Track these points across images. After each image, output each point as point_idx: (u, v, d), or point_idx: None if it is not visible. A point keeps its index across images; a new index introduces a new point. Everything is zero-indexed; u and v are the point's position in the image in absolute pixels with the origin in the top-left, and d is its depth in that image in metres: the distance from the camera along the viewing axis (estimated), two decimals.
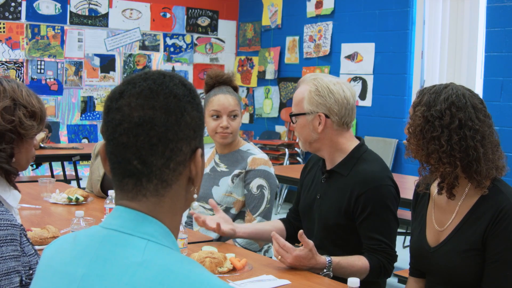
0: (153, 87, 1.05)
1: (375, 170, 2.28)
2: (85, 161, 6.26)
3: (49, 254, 1.11)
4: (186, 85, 1.09)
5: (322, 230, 2.37)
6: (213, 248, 2.24)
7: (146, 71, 1.10)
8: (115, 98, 1.06)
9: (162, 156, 1.04)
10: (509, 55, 5.36)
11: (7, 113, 1.73)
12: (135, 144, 1.03)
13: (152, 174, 1.04)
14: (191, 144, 1.07)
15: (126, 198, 1.06)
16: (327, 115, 2.30)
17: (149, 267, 0.97)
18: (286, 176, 4.57)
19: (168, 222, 1.06)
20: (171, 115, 1.04)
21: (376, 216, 2.24)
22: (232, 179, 2.83)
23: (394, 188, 2.30)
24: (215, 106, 2.80)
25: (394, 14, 6.35)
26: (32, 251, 1.68)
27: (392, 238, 2.29)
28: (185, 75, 7.87)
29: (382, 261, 2.24)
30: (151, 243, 1.01)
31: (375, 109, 6.58)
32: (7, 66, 6.66)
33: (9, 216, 1.61)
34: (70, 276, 1.03)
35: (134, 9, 7.51)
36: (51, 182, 3.38)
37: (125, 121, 1.03)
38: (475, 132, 1.90)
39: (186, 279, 0.95)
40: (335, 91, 2.30)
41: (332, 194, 2.34)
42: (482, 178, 1.91)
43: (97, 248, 1.02)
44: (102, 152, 1.09)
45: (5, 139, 1.72)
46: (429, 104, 1.94)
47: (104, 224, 1.06)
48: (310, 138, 2.35)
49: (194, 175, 1.09)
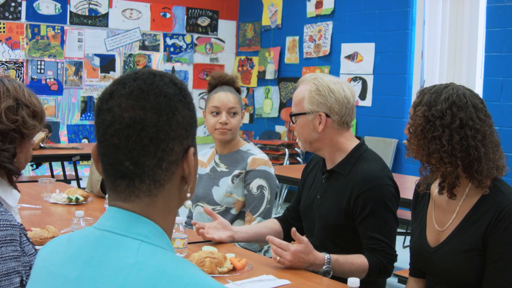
0: (143, 87, 1.04)
1: (375, 170, 2.28)
2: (85, 161, 6.27)
3: (44, 255, 1.11)
4: (176, 84, 1.08)
5: (322, 230, 2.37)
6: (213, 248, 2.24)
7: (136, 70, 1.10)
8: (106, 99, 1.05)
9: (154, 157, 1.03)
10: (509, 55, 5.36)
11: (11, 113, 1.73)
12: (126, 145, 1.02)
13: (144, 174, 1.03)
14: (183, 143, 1.06)
15: (119, 199, 1.05)
16: (328, 115, 2.30)
17: (143, 269, 0.96)
18: (286, 176, 4.57)
19: (162, 222, 1.06)
20: (162, 115, 1.03)
21: (376, 215, 2.24)
22: (232, 179, 2.83)
23: (394, 188, 2.30)
24: (215, 103, 2.81)
25: (394, 14, 6.35)
26: (33, 251, 1.68)
27: (392, 238, 2.29)
28: (185, 75, 7.88)
29: (381, 260, 2.24)
30: (145, 244, 1.00)
31: (375, 109, 6.58)
32: (7, 66, 6.66)
33: (8, 217, 1.61)
34: (64, 278, 1.03)
35: (134, 9, 7.51)
36: (51, 182, 3.38)
37: (116, 122, 1.02)
38: (476, 131, 1.90)
39: (180, 280, 0.95)
40: (336, 90, 2.29)
41: (332, 194, 2.34)
42: (483, 177, 1.91)
43: (91, 249, 1.02)
44: (94, 153, 1.09)
45: (8, 139, 1.73)
46: (429, 103, 1.94)
47: (97, 225, 1.06)
48: (310, 137, 2.35)
49: (187, 174, 1.08)
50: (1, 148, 1.71)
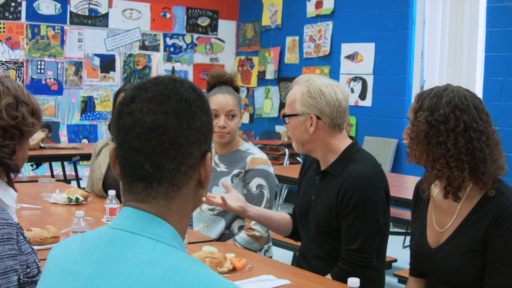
0: (164, 92, 1.06)
1: (364, 170, 2.25)
2: (85, 161, 6.26)
3: (56, 254, 1.12)
4: (196, 90, 1.11)
5: (316, 231, 2.37)
6: (213, 248, 2.24)
7: (156, 76, 1.12)
8: (127, 103, 1.07)
9: (174, 160, 1.05)
10: (509, 55, 5.36)
11: (11, 109, 1.75)
12: (147, 148, 1.04)
13: (163, 177, 1.05)
14: (201, 148, 1.09)
15: (135, 200, 1.07)
16: (319, 117, 2.30)
17: (158, 266, 0.98)
18: (286, 176, 4.57)
19: (176, 224, 1.08)
20: (183, 120, 1.05)
21: (355, 215, 2.20)
22: (231, 179, 2.83)
23: (384, 190, 2.26)
24: (213, 106, 2.80)
25: (394, 14, 6.35)
26: (29, 250, 1.68)
27: (366, 242, 2.21)
28: (185, 75, 7.88)
29: (345, 269, 2.21)
30: (159, 243, 1.02)
31: (375, 109, 6.58)
32: (7, 66, 6.66)
33: (5, 215, 1.61)
34: (78, 274, 1.04)
35: (134, 9, 7.51)
36: (51, 182, 3.38)
37: (137, 126, 1.04)
38: (480, 133, 1.89)
39: (194, 279, 0.97)
40: (327, 93, 2.30)
41: (325, 195, 2.34)
42: (488, 179, 1.89)
43: (105, 247, 1.03)
44: (112, 155, 1.11)
45: (8, 135, 1.74)
46: (431, 108, 1.92)
47: (112, 224, 1.07)
48: (302, 139, 2.35)
49: (204, 178, 1.11)
50: (1, 144, 1.71)
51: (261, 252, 2.80)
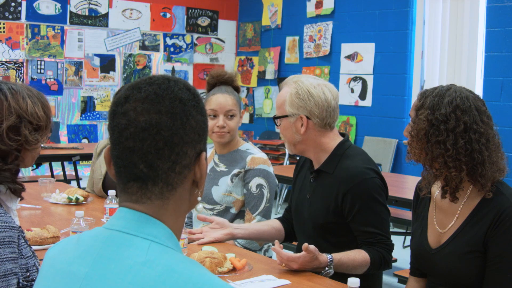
0: (158, 92, 1.06)
1: (358, 165, 2.28)
2: (85, 161, 6.27)
3: (52, 255, 1.12)
4: (190, 90, 1.10)
5: (313, 229, 2.38)
6: (213, 248, 2.24)
7: (150, 76, 1.11)
8: (120, 103, 1.07)
9: (168, 160, 1.05)
10: (509, 55, 5.36)
11: (13, 133, 1.69)
12: (141, 148, 1.04)
13: (158, 177, 1.05)
14: (196, 147, 1.08)
15: (130, 200, 1.07)
16: (308, 117, 2.31)
17: (153, 267, 0.97)
18: (286, 176, 4.57)
19: (171, 224, 1.07)
20: (177, 119, 1.05)
21: (366, 210, 2.25)
22: (231, 178, 2.83)
23: (380, 179, 2.30)
24: (212, 105, 2.80)
25: (394, 14, 6.35)
26: (30, 253, 1.68)
27: (386, 229, 2.30)
28: (185, 75, 7.88)
29: (381, 252, 2.26)
30: (155, 244, 1.02)
31: (375, 109, 6.58)
32: (7, 66, 6.66)
33: (7, 218, 1.61)
34: (73, 275, 1.04)
35: (134, 9, 7.51)
36: (51, 182, 3.38)
37: (131, 126, 1.04)
38: (480, 135, 1.89)
39: (189, 279, 0.96)
40: (315, 94, 2.30)
41: (320, 194, 2.36)
42: (487, 181, 1.89)
43: (101, 248, 1.03)
44: (107, 155, 1.10)
45: (10, 159, 1.70)
46: (433, 107, 1.92)
47: (107, 225, 1.07)
48: (294, 139, 2.36)
49: (199, 178, 1.10)
50: (1, 169, 1.67)
51: (261, 252, 2.80)
